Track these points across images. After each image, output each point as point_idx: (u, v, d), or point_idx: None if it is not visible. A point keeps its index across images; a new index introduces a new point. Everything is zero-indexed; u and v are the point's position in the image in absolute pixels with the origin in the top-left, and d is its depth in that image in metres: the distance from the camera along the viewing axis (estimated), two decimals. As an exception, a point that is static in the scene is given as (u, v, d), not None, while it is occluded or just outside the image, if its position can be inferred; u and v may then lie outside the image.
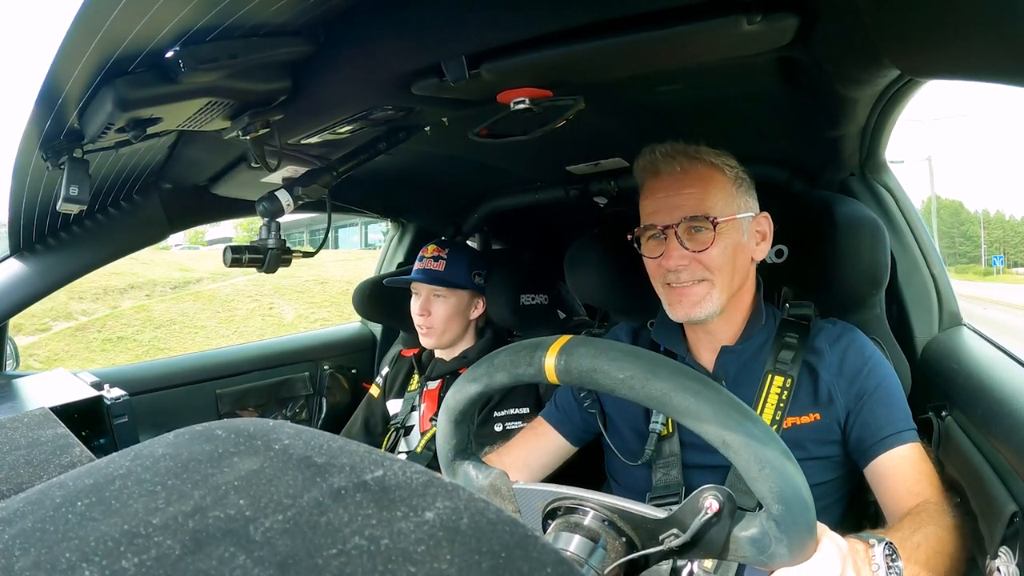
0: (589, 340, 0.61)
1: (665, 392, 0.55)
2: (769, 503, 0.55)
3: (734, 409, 0.55)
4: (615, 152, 1.42)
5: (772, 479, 0.53)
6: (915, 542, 0.76)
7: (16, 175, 0.99)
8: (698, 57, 0.82)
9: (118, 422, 0.99)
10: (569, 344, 0.61)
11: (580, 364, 0.59)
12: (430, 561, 0.22)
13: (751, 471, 0.54)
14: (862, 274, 1.08)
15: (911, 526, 0.79)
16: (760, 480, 0.54)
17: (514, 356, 0.64)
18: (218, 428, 0.30)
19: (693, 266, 0.96)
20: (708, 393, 0.55)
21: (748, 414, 0.55)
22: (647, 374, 0.56)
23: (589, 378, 0.59)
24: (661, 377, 0.56)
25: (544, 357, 0.61)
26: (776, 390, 0.96)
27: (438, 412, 1.30)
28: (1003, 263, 54.68)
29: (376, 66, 0.85)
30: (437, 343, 1.56)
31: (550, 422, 1.16)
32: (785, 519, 0.55)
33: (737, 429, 0.53)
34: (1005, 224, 64.50)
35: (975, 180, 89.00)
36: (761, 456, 0.53)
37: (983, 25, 0.54)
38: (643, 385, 0.56)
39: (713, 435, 0.54)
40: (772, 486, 0.53)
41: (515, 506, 0.69)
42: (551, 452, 1.14)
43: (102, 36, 0.63)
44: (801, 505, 0.55)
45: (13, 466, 0.44)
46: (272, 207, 1.05)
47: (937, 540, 0.79)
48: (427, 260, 1.55)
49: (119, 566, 0.21)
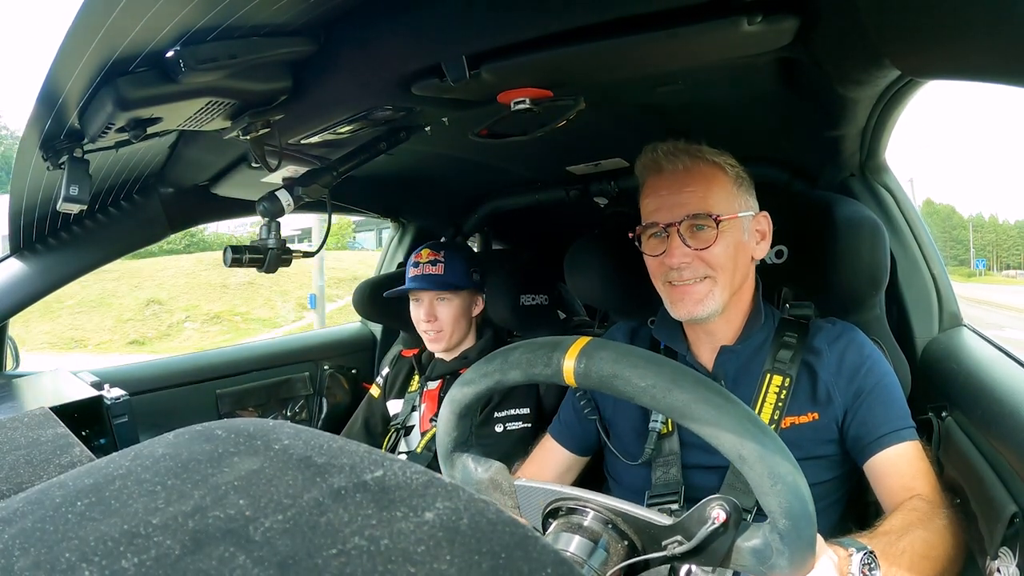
0: (608, 344, 0.61)
1: (687, 403, 0.56)
2: (776, 517, 0.55)
3: (752, 424, 0.55)
4: (615, 152, 1.42)
5: (783, 495, 0.54)
6: (900, 548, 0.76)
7: (16, 175, 0.99)
8: (698, 58, 0.82)
9: (118, 422, 0.99)
10: (590, 347, 0.61)
11: (601, 369, 0.59)
12: (430, 561, 0.22)
13: (763, 485, 0.54)
14: (862, 274, 1.07)
15: (899, 530, 0.79)
16: (771, 495, 0.55)
17: (531, 355, 0.64)
18: (218, 428, 0.30)
19: (695, 264, 0.96)
20: (729, 407, 0.56)
21: (765, 429, 0.56)
22: (670, 384, 0.57)
23: (609, 384, 0.59)
24: (684, 388, 0.56)
25: (563, 359, 0.61)
26: (775, 389, 0.96)
27: (438, 412, 1.30)
28: (985, 266, 57.77)
29: (376, 66, 0.85)
30: (446, 346, 1.55)
31: (556, 438, 1.17)
32: (790, 533, 0.56)
33: (753, 444, 0.54)
34: (998, 228, 64.95)
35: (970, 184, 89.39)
36: (774, 472, 0.54)
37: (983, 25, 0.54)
38: (665, 395, 0.56)
39: (730, 448, 0.55)
40: (782, 501, 0.54)
41: (514, 501, 0.69)
42: (561, 467, 1.16)
43: (102, 36, 0.63)
44: (806, 520, 0.56)
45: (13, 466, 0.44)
46: (272, 207, 1.05)
47: (924, 544, 0.78)
48: (424, 265, 1.53)
49: (119, 566, 0.21)
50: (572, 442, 1.15)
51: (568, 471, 1.16)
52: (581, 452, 1.15)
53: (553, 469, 1.15)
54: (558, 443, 1.16)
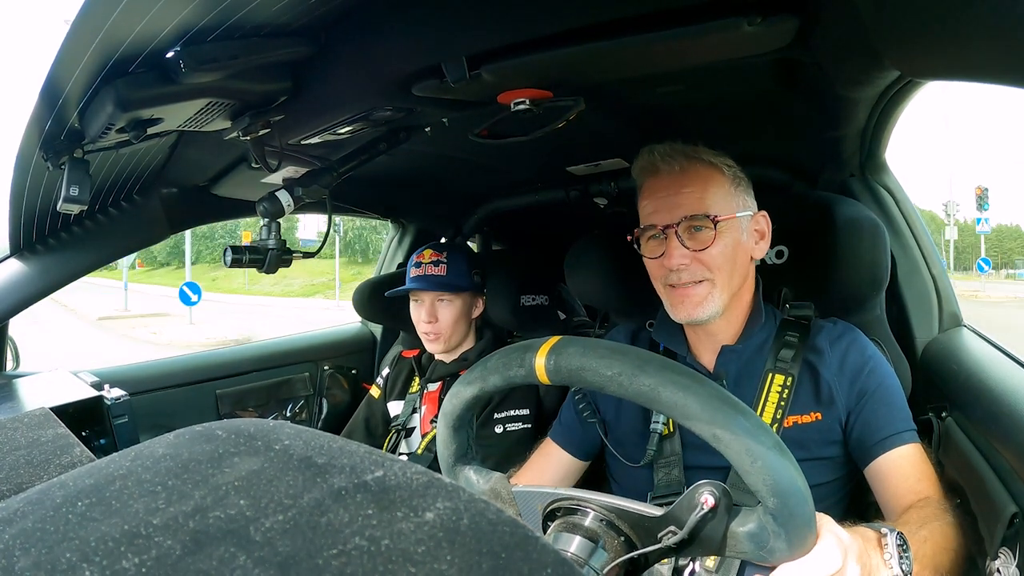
0: (578, 339, 0.61)
1: (653, 387, 0.55)
2: (764, 496, 0.54)
3: (723, 402, 0.54)
4: (615, 153, 1.42)
5: (765, 472, 0.53)
6: (922, 536, 0.75)
7: (16, 175, 0.99)
8: (699, 58, 0.82)
9: (118, 422, 0.99)
10: (558, 344, 0.61)
11: (569, 363, 0.59)
12: (430, 562, 0.22)
13: (743, 464, 0.53)
14: (862, 275, 1.08)
15: (917, 521, 0.79)
16: (753, 473, 0.53)
17: (506, 359, 0.64)
18: (218, 428, 0.30)
19: (694, 266, 0.95)
20: (696, 387, 0.55)
21: (738, 407, 0.54)
22: (635, 370, 0.56)
23: (578, 377, 0.59)
24: (649, 373, 0.56)
25: (534, 358, 0.61)
26: (777, 388, 0.96)
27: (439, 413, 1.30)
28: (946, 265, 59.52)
29: (377, 67, 0.85)
30: (445, 348, 1.55)
31: (557, 442, 1.16)
32: (782, 512, 0.54)
33: (726, 423, 0.53)
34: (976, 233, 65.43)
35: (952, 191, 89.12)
36: (752, 449, 0.52)
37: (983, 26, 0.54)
38: (631, 381, 0.56)
39: (703, 429, 0.54)
40: (766, 479, 0.53)
41: (516, 509, 0.69)
42: (562, 471, 1.15)
43: (103, 36, 0.63)
44: (797, 497, 0.54)
45: (13, 466, 0.44)
46: (272, 207, 1.05)
47: (943, 536, 0.78)
48: (427, 266, 1.53)
49: (119, 566, 0.21)
50: (573, 446, 1.14)
51: (568, 476, 1.15)
52: (582, 456, 1.15)
53: (553, 473, 1.14)
54: (559, 447, 1.15)
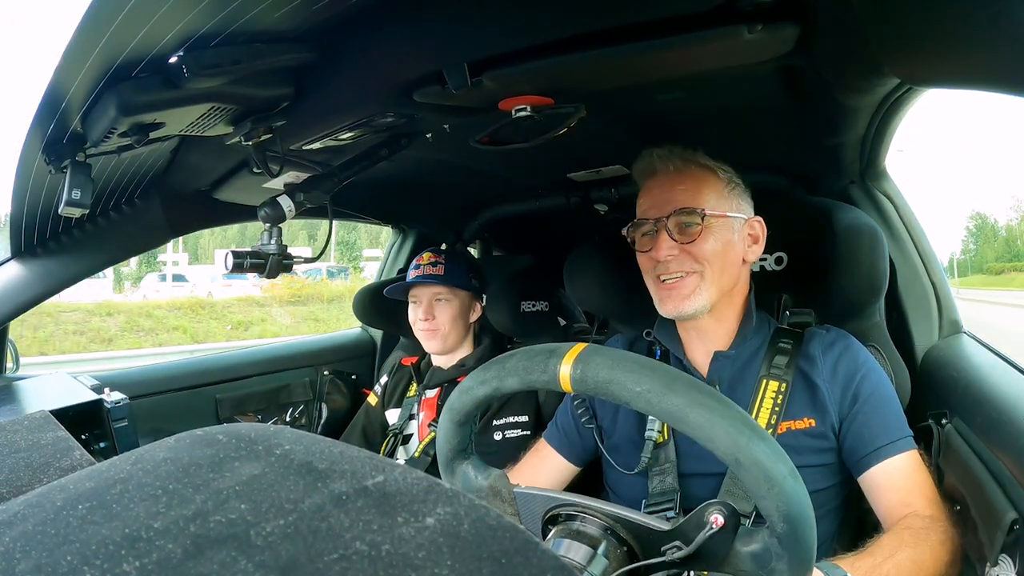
0: (604, 349, 0.61)
1: (681, 408, 0.55)
2: (775, 521, 0.55)
3: (748, 427, 0.55)
4: (616, 159, 1.42)
5: (780, 498, 0.54)
6: (884, 572, 0.76)
7: (18, 178, 0.99)
8: (699, 66, 0.82)
9: (118, 426, 0.99)
10: (585, 353, 0.60)
11: (597, 374, 0.58)
12: (431, 566, 0.22)
13: (759, 490, 0.54)
14: (861, 282, 1.08)
15: (887, 551, 0.79)
16: (768, 499, 0.54)
17: (528, 362, 0.63)
18: (219, 433, 0.30)
19: (682, 257, 0.97)
20: (723, 410, 0.55)
21: (760, 433, 0.55)
22: (664, 388, 0.56)
23: (605, 389, 0.58)
24: (678, 392, 0.56)
25: (559, 365, 0.60)
26: (771, 395, 0.97)
27: (437, 419, 1.29)
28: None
29: (378, 73, 0.85)
30: (442, 347, 1.55)
31: (552, 444, 1.16)
32: (789, 537, 0.55)
33: (749, 448, 0.54)
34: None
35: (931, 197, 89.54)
36: (771, 476, 0.53)
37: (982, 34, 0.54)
38: (660, 400, 0.56)
39: (725, 452, 0.54)
40: (780, 505, 0.54)
41: (514, 508, 0.69)
42: (555, 475, 1.15)
43: (106, 41, 0.64)
44: (805, 524, 0.55)
45: (13, 469, 0.43)
46: (274, 213, 1.05)
47: (911, 564, 0.78)
48: (425, 267, 1.55)
49: (120, 570, 0.21)
50: (569, 450, 1.14)
51: (562, 480, 1.15)
52: (578, 462, 1.14)
53: (547, 477, 1.14)
54: (555, 450, 1.15)
